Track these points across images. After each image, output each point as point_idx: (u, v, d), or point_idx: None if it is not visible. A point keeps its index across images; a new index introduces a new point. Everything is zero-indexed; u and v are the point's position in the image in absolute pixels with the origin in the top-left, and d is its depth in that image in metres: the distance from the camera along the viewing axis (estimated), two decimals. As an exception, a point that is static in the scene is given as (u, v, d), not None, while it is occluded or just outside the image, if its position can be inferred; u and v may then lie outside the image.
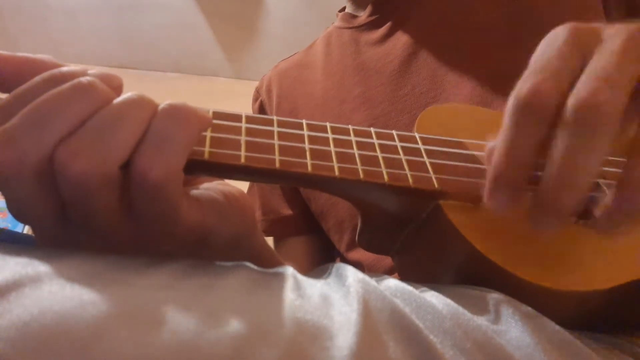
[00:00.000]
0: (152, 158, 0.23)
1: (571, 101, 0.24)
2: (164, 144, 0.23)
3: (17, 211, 0.24)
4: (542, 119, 0.25)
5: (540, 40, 0.28)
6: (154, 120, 0.24)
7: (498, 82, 0.47)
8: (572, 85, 0.25)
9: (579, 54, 0.26)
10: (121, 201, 0.24)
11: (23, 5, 2.19)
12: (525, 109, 0.25)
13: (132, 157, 0.23)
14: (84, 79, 0.23)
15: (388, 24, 0.57)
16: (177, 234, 0.26)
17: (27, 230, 2.04)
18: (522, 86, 0.25)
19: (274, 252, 0.39)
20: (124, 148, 0.23)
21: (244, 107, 0.31)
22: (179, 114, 0.24)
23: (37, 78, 0.24)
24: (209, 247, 0.28)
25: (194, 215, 0.26)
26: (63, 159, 0.22)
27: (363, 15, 0.60)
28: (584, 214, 0.32)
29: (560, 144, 0.24)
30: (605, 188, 0.35)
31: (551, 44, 0.27)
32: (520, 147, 0.25)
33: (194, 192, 0.28)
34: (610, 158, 0.36)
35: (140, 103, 0.24)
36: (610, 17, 0.51)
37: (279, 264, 0.37)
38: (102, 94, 0.24)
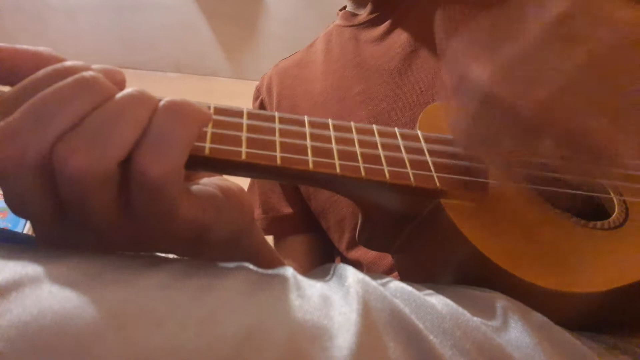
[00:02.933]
0: (152, 156, 0.23)
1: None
2: (164, 141, 0.23)
3: (15, 206, 0.23)
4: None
5: None
6: (154, 117, 0.23)
7: None
8: None
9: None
10: (120, 199, 0.24)
11: (23, 5, 2.18)
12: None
13: (132, 154, 0.23)
14: (86, 74, 0.23)
15: (388, 22, 0.57)
16: (175, 231, 0.26)
17: (27, 230, 2.04)
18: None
19: (272, 250, 0.39)
20: (123, 146, 0.22)
21: (244, 106, 0.31)
22: (179, 110, 0.24)
23: (40, 72, 0.23)
24: (207, 244, 0.28)
25: (193, 212, 0.26)
26: (61, 156, 0.22)
27: (363, 14, 0.60)
28: (586, 214, 0.32)
29: None
30: (609, 190, 0.35)
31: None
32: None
33: (193, 187, 0.28)
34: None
35: (141, 99, 0.24)
36: None
37: (278, 261, 0.37)
38: (104, 90, 0.23)
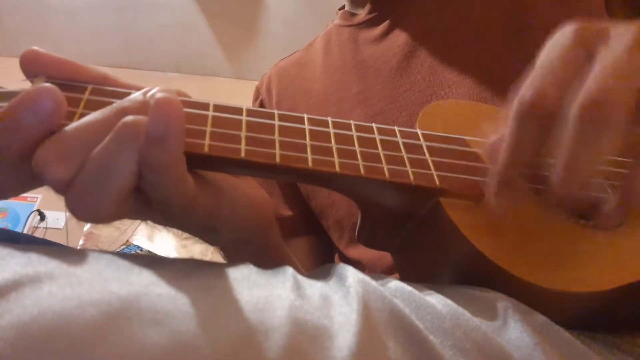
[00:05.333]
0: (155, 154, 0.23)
1: (580, 98, 0.24)
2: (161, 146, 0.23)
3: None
4: (544, 123, 0.26)
5: (536, 39, 0.28)
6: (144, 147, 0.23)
7: (496, 80, 0.47)
8: (576, 87, 0.25)
9: (584, 54, 0.26)
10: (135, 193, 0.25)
11: (23, 5, 2.19)
12: (529, 114, 0.26)
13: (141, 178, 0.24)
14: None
15: (387, 22, 0.57)
16: (192, 217, 0.28)
17: (27, 230, 2.04)
18: (526, 91, 0.26)
19: (286, 254, 0.42)
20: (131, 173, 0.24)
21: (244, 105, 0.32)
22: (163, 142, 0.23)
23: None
24: (219, 237, 0.33)
25: (209, 204, 0.29)
26: (73, 210, 0.24)
27: (362, 13, 0.60)
28: (587, 214, 0.32)
29: (566, 141, 0.25)
30: (609, 189, 0.35)
31: (556, 44, 0.27)
32: (523, 149, 0.27)
33: (215, 186, 0.29)
34: (615, 158, 0.36)
35: (128, 143, 0.23)
36: (613, 17, 0.51)
37: (290, 264, 0.39)
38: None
